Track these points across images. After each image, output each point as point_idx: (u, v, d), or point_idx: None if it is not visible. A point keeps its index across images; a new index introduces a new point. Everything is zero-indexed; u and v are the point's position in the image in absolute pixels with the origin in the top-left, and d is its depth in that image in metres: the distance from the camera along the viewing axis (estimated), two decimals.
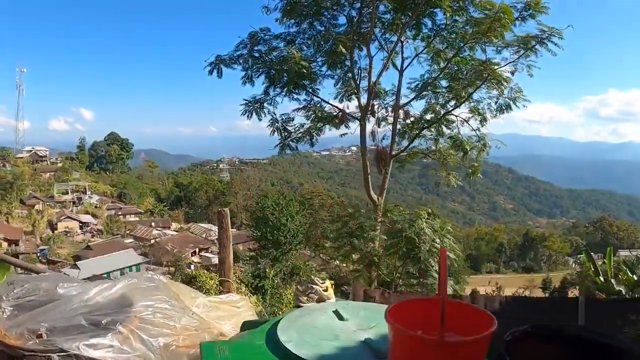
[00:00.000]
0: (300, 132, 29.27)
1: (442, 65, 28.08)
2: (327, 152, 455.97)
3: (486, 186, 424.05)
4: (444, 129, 28.70)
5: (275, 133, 28.69)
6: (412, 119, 28.92)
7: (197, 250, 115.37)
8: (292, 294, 34.46)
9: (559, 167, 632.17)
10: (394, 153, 28.70)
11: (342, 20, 27.40)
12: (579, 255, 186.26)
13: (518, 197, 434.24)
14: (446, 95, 28.41)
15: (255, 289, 46.08)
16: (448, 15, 24.52)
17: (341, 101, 29.05)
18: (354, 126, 29.56)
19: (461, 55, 26.82)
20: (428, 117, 28.82)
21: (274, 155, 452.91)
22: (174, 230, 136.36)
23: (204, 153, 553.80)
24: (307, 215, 74.63)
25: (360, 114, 28.14)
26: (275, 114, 28.41)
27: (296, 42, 26.76)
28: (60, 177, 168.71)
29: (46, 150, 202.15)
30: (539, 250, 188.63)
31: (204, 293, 30.13)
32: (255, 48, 26.32)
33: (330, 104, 29.03)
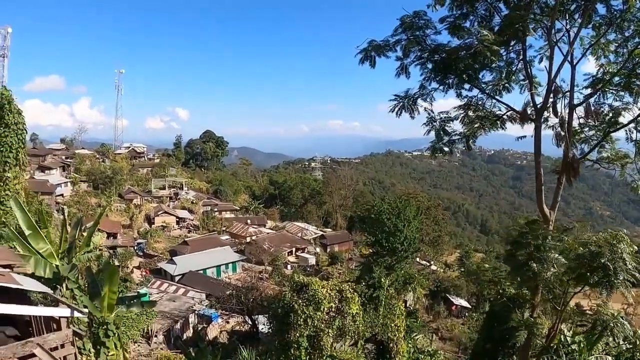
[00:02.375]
0: (457, 134, 25.56)
1: (612, 58, 24.41)
2: (419, 153, 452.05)
3: (582, 191, 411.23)
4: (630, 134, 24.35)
5: (431, 133, 25.18)
6: (600, 120, 24.70)
7: (293, 249, 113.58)
8: (404, 306, 31.04)
9: None
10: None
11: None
12: None
13: (616, 204, 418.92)
14: (620, 92, 24.23)
15: (369, 299, 42.96)
16: None
17: (500, 96, 25.27)
18: (512, 127, 25.93)
19: None
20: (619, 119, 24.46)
21: (365, 155, 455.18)
22: (269, 228, 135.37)
23: (295, 151, 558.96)
24: (423, 221, 71.75)
25: (534, 114, 24.08)
26: (432, 112, 24.95)
27: (462, 26, 22.99)
28: (157, 172, 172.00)
29: (144, 147, 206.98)
30: None
31: (316, 306, 26.83)
32: (415, 33, 22.81)
33: (502, 102, 25.20)
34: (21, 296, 17.19)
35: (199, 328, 53.10)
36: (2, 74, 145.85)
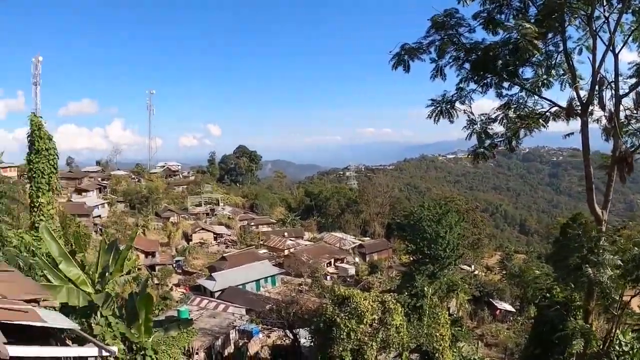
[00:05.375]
0: (498, 136, 24.28)
1: None
2: (453, 156, 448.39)
3: (621, 184, 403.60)
4: None
5: (473, 137, 23.88)
6: None
7: (332, 260, 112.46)
8: (447, 314, 30.05)
9: None
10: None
11: None
12: None
13: None
14: None
15: (413, 309, 41.84)
16: None
17: (539, 93, 23.98)
18: (554, 125, 24.73)
19: None
20: None
21: (399, 161, 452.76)
22: (307, 240, 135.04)
23: (329, 162, 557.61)
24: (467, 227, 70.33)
25: (580, 109, 22.78)
26: (472, 114, 23.75)
27: (498, 20, 21.82)
28: (192, 190, 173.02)
29: (178, 165, 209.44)
30: None
31: (358, 319, 25.90)
32: (449, 32, 21.73)
33: (545, 99, 23.97)
34: (46, 334, 16.16)
35: (240, 344, 52.69)
36: (35, 101, 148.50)
